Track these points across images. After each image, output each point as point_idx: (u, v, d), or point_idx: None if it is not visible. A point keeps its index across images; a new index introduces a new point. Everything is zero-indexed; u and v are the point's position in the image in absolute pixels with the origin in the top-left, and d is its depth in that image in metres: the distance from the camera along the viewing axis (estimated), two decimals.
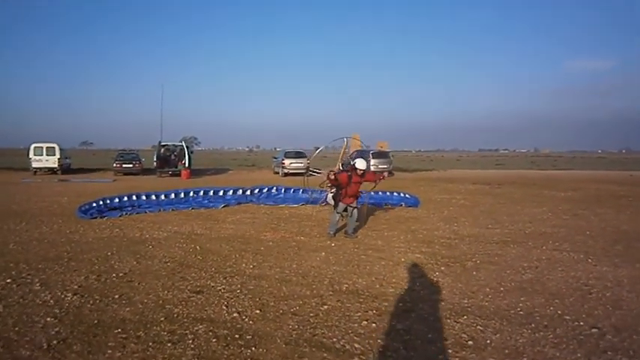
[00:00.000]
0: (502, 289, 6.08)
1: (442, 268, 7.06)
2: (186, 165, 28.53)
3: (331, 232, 9.61)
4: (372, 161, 28.73)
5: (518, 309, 5.31)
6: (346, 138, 13.54)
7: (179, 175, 28.33)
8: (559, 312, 5.22)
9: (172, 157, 30.39)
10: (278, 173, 30.30)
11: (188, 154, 29.05)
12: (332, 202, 10.29)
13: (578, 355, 4.15)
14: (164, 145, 30.34)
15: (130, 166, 30.46)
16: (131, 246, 8.43)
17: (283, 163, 29.49)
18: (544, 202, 16.25)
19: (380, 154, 30.94)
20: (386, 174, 12.75)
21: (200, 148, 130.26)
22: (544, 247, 8.65)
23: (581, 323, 4.88)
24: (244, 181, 24.03)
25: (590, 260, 7.69)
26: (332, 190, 10.34)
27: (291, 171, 29.26)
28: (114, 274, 6.53)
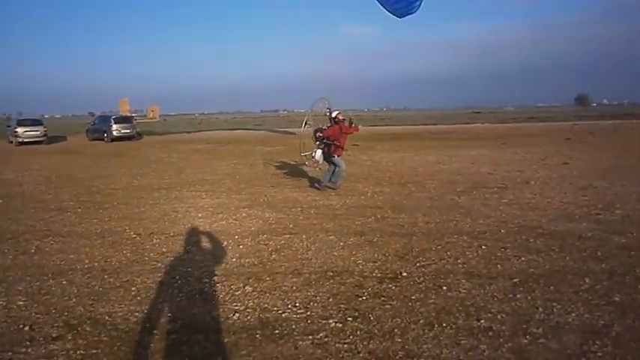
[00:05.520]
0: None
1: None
2: None
3: (325, 184, 10.81)
4: (114, 126, 30.23)
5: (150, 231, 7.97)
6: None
7: None
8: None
9: None
10: (12, 142, 29.26)
11: None
12: (321, 160, 10.98)
13: (185, 254, 6.65)
14: None
15: None
16: None
17: (16, 132, 28.71)
18: (243, 156, 20.28)
19: (123, 119, 32.65)
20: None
21: None
22: (190, 190, 11.97)
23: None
24: None
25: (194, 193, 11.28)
26: (320, 147, 10.90)
27: (26, 139, 28.77)
28: None
